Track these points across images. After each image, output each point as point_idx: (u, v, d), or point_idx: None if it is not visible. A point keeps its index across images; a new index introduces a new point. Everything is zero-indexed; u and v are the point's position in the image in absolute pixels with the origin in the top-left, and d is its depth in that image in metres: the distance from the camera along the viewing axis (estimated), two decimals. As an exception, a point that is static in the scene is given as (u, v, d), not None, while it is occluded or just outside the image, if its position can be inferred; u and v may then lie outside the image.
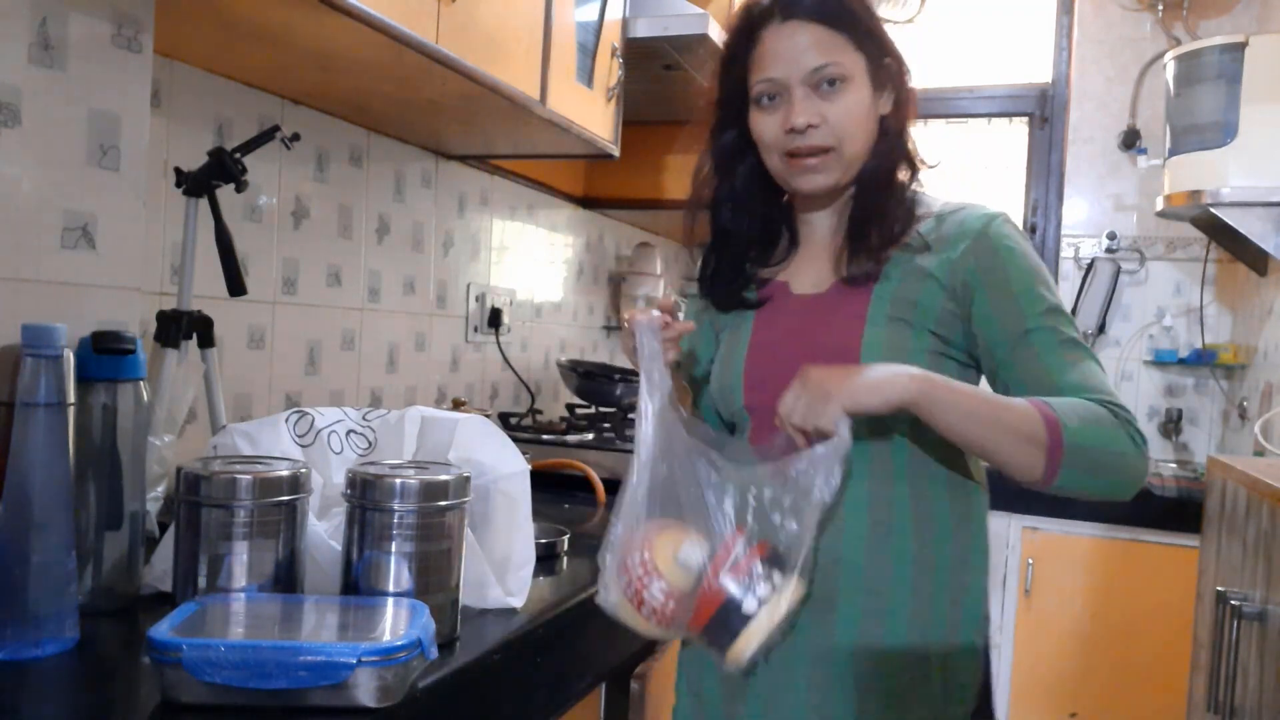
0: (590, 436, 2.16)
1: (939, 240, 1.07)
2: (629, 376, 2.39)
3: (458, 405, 2.07)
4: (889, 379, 0.94)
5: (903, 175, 1.13)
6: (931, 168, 1.15)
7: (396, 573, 0.94)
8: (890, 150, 1.11)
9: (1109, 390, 0.99)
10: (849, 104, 1.06)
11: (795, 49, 1.05)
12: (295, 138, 1.43)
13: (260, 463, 0.97)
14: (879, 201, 1.10)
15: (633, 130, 2.12)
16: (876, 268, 1.07)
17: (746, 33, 1.09)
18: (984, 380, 1.10)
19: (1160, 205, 2.64)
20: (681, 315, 1.13)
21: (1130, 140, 3.13)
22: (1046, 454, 0.94)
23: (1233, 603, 1.45)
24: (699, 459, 0.99)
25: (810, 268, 1.15)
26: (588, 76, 1.91)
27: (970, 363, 1.09)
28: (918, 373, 0.95)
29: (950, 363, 1.07)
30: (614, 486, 1.46)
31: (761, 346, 1.14)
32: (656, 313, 1.02)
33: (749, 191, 1.16)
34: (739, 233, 1.17)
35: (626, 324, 1.04)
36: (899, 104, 1.12)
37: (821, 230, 1.16)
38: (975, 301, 1.04)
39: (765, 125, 1.08)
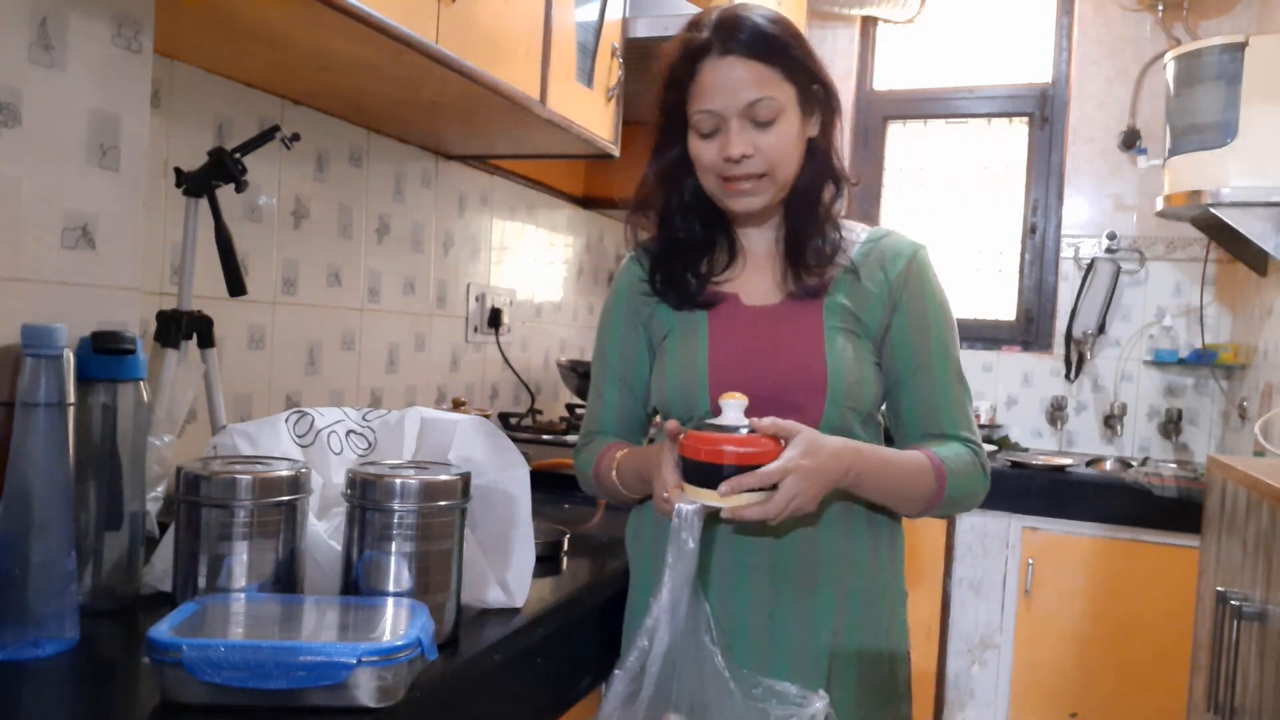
0: (590, 436, 2.15)
1: (875, 260, 1.20)
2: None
3: (458, 405, 2.07)
4: (841, 480, 1.07)
5: (829, 192, 1.21)
6: (854, 185, 1.24)
7: (396, 573, 0.94)
8: (818, 170, 1.20)
9: (975, 428, 1.20)
10: (780, 134, 1.13)
11: (732, 83, 1.11)
12: (295, 138, 1.43)
13: (260, 463, 0.97)
14: (809, 219, 1.20)
15: (633, 130, 2.12)
16: (821, 284, 1.18)
17: (686, 63, 1.15)
18: None
19: (1160, 205, 2.64)
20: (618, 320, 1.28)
21: (1130, 140, 3.13)
22: (926, 505, 1.15)
23: (1233, 603, 1.45)
24: (707, 656, 1.02)
25: (755, 280, 1.23)
26: (588, 76, 1.91)
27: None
28: (856, 468, 1.08)
29: (879, 369, 1.19)
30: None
31: (722, 351, 1.19)
32: (693, 505, 1.02)
33: (695, 204, 1.23)
34: (688, 241, 1.24)
35: (665, 499, 1.05)
36: (826, 126, 1.20)
37: (760, 245, 1.24)
38: (897, 316, 1.18)
39: (703, 150, 1.16)
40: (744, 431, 1.02)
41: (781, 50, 1.13)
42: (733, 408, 1.04)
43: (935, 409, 1.18)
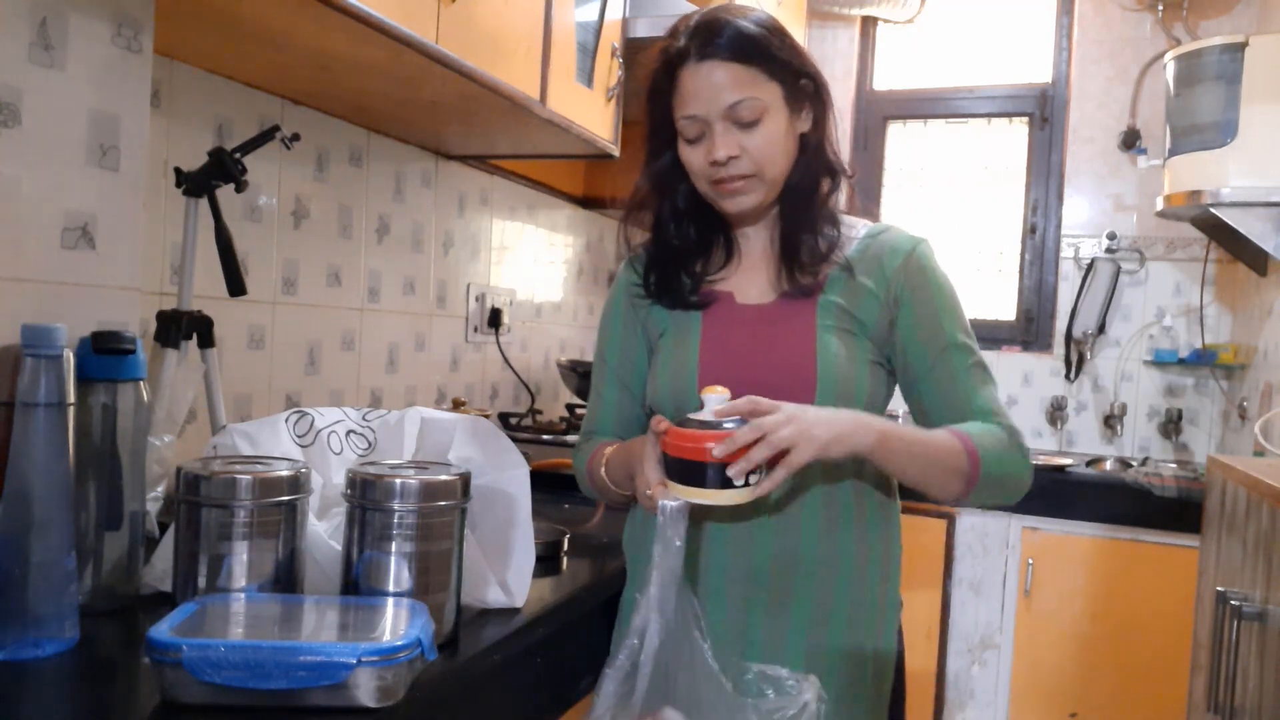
0: (590, 436, 2.15)
1: (872, 257, 1.18)
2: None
3: (458, 405, 2.07)
4: (855, 432, 1.03)
5: (825, 186, 1.20)
6: (851, 177, 1.23)
7: (396, 573, 0.94)
8: (811, 165, 1.19)
9: (1005, 413, 1.15)
10: (766, 133, 1.13)
11: (712, 88, 1.11)
12: (295, 138, 1.43)
13: (260, 463, 0.97)
14: (805, 215, 1.19)
15: (633, 130, 2.12)
16: (816, 283, 1.17)
17: (666, 71, 1.15)
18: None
19: (1160, 205, 2.64)
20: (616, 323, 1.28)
21: (1130, 140, 3.13)
22: (966, 482, 1.09)
23: (1233, 603, 1.45)
24: (697, 650, 1.01)
25: (751, 278, 1.23)
26: (588, 76, 1.91)
27: (892, 369, 1.19)
28: (877, 425, 1.05)
29: (881, 369, 1.17)
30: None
31: (714, 350, 1.19)
32: (677, 502, 1.00)
33: (690, 209, 1.23)
34: (683, 245, 1.24)
35: (649, 496, 1.03)
36: (818, 120, 1.19)
37: (757, 244, 1.24)
38: (902, 313, 1.16)
39: (692, 156, 1.16)
40: (728, 426, 1.00)
41: (761, 50, 1.11)
42: (714, 402, 1.02)
43: (956, 399, 1.15)
